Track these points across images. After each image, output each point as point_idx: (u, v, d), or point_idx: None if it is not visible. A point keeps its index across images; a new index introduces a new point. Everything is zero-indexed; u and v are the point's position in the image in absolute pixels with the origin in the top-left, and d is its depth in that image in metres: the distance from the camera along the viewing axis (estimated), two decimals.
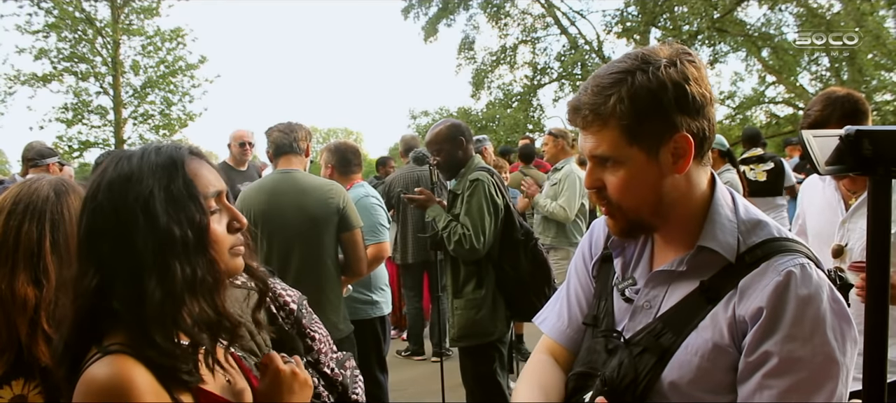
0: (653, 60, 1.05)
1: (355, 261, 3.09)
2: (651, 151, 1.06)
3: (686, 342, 1.07)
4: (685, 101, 1.04)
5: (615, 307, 1.22)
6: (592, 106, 1.07)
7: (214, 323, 1.05)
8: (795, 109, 19.26)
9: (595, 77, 1.09)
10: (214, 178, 1.12)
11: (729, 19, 18.11)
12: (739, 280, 1.05)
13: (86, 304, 1.02)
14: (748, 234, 1.09)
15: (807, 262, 1.03)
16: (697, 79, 1.06)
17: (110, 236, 1.01)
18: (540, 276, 3.24)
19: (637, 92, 1.03)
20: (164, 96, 17.81)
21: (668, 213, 1.12)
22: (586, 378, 1.17)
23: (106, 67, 17.23)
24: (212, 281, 1.05)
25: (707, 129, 1.08)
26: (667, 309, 1.12)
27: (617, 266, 1.26)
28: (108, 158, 1.09)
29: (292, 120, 3.28)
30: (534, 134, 18.74)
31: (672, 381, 1.06)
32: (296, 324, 1.81)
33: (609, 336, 1.18)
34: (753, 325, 1.01)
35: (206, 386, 1.08)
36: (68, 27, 16.53)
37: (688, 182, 1.11)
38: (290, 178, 3.04)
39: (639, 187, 1.09)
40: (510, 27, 20.99)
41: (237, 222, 1.12)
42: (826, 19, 17.09)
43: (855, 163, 0.61)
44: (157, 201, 1.01)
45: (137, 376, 0.97)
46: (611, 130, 1.06)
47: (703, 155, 1.11)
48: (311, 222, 2.97)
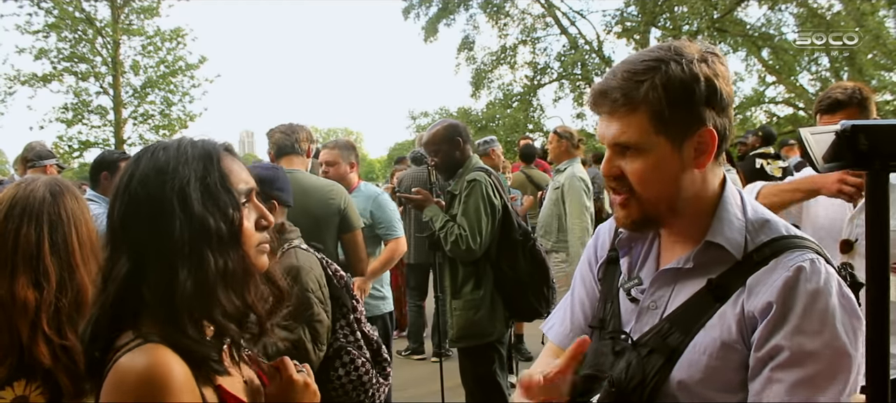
0: (685, 53, 1.05)
1: (356, 262, 3.10)
2: (676, 142, 1.06)
3: (694, 341, 1.06)
4: (715, 97, 1.05)
5: (622, 308, 1.22)
6: (624, 90, 1.05)
7: (243, 317, 1.07)
8: (795, 109, 19.26)
9: (625, 63, 1.08)
10: (246, 176, 1.14)
11: (729, 19, 18.12)
12: (747, 277, 1.04)
13: (117, 290, 1.02)
14: (756, 233, 1.09)
15: (816, 257, 1.03)
16: (725, 78, 1.07)
17: (145, 224, 1.02)
18: (538, 276, 3.23)
19: (671, 80, 1.03)
20: (164, 96, 17.82)
21: (681, 208, 1.11)
22: (593, 380, 1.16)
23: (106, 67, 17.24)
24: (242, 274, 1.06)
25: (728, 128, 1.08)
26: (673, 308, 1.11)
27: (623, 265, 1.26)
28: (144, 149, 1.11)
29: (292, 120, 3.30)
30: (534, 134, 18.75)
31: (681, 381, 1.05)
32: (345, 286, 2.20)
33: (616, 337, 1.17)
34: (763, 320, 1.00)
35: (227, 386, 1.09)
36: (68, 27, 16.54)
37: (703, 179, 1.11)
38: (292, 179, 3.04)
39: (659, 178, 1.08)
40: (510, 27, 21.02)
41: (265, 220, 1.14)
42: (826, 19, 17.10)
43: (852, 159, 0.61)
44: (193, 192, 1.03)
45: (175, 369, 0.97)
46: (639, 116, 1.05)
47: (721, 154, 1.11)
48: (312, 222, 2.98)
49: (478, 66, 21.34)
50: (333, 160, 3.60)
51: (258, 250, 1.12)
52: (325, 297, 2.09)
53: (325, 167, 3.59)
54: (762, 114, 20.13)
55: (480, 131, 18.14)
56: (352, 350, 2.14)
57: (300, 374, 1.25)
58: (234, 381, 1.12)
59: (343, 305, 2.15)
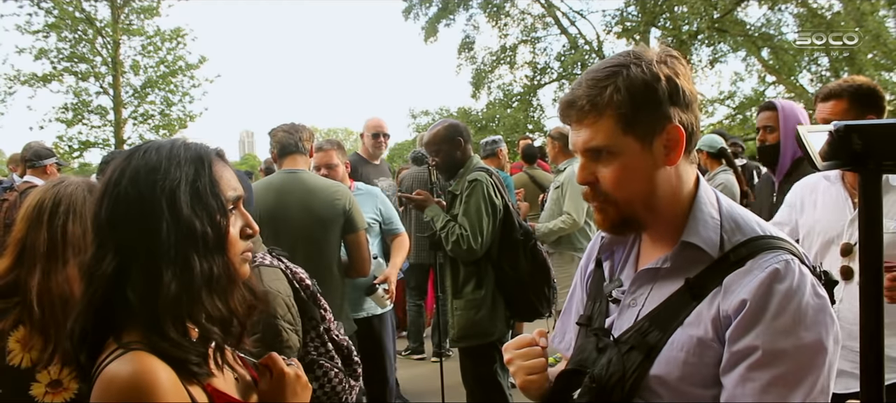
0: (644, 57, 1.10)
1: (359, 262, 3.10)
2: (645, 141, 1.09)
3: (672, 338, 1.09)
4: (677, 94, 1.09)
5: (608, 308, 1.25)
6: (589, 97, 1.09)
7: (227, 322, 1.07)
8: None
9: (589, 72, 1.13)
10: (235, 183, 1.14)
11: (729, 19, 18.10)
12: (724, 277, 1.07)
13: (101, 289, 1.02)
14: (732, 232, 1.11)
15: (790, 258, 1.05)
16: (686, 76, 1.11)
17: (133, 223, 1.02)
18: (539, 277, 3.24)
19: (633, 82, 1.07)
20: (164, 96, 17.81)
21: (658, 207, 1.14)
22: (576, 375, 1.20)
23: (106, 67, 17.23)
24: (227, 280, 1.07)
25: (694, 125, 1.12)
26: (652, 306, 1.14)
27: (606, 269, 1.30)
28: (136, 147, 1.11)
29: (292, 120, 3.31)
30: (534, 134, 18.74)
31: (659, 377, 1.08)
32: (312, 297, 2.12)
33: (599, 334, 1.20)
34: (736, 317, 1.03)
35: (217, 385, 1.10)
36: (68, 27, 16.53)
37: (678, 176, 1.14)
38: (296, 178, 3.06)
39: (632, 178, 1.11)
40: (510, 27, 21.01)
41: (249, 229, 1.15)
42: (826, 19, 17.08)
43: (846, 158, 0.61)
44: (183, 195, 1.03)
45: (160, 374, 0.98)
46: (606, 120, 1.09)
47: (691, 150, 1.14)
48: (316, 222, 2.98)
49: (478, 66, 21.34)
50: (331, 162, 3.61)
51: (242, 258, 1.13)
52: (294, 317, 2.00)
53: (323, 170, 3.58)
54: None
55: (480, 131, 18.13)
56: (324, 362, 2.06)
57: (291, 367, 1.26)
58: (224, 380, 1.12)
59: (311, 318, 2.07)
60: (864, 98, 2.28)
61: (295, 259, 2.95)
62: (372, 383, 3.37)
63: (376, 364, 3.47)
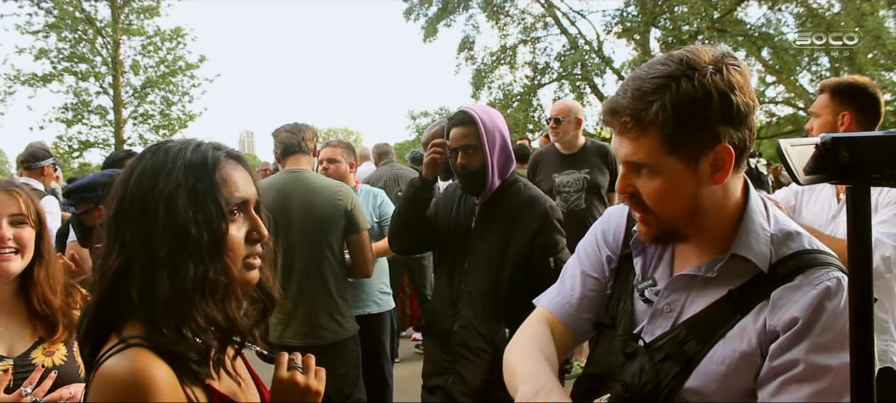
0: (698, 66, 0.99)
1: (362, 263, 3.09)
2: (690, 161, 1.02)
3: (712, 351, 1.04)
4: (730, 112, 0.99)
5: (635, 309, 1.19)
6: (633, 111, 1.01)
7: (223, 327, 1.06)
8: (795, 109, 19.24)
9: (635, 79, 1.03)
10: (245, 185, 1.12)
11: (729, 19, 18.09)
12: (771, 291, 1.02)
13: (108, 283, 1.03)
14: (780, 245, 1.07)
15: (841, 275, 1.01)
16: (742, 86, 1.01)
17: (133, 223, 1.03)
18: None
19: (682, 100, 0.98)
20: (164, 96, 17.84)
21: (702, 223, 1.08)
22: (600, 380, 1.15)
23: (106, 67, 17.25)
24: (223, 285, 1.05)
25: (748, 139, 1.03)
26: (690, 314, 1.09)
27: (636, 265, 1.22)
28: (153, 146, 1.12)
29: (291, 120, 3.30)
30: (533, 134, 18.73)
31: (696, 390, 1.04)
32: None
33: (628, 339, 1.15)
34: (784, 333, 0.99)
35: (217, 387, 1.09)
36: (68, 27, 16.55)
37: (724, 192, 1.07)
38: (299, 178, 3.05)
39: (675, 197, 1.05)
40: (510, 27, 20.99)
41: (257, 233, 1.12)
42: (826, 19, 17.07)
43: (833, 172, 0.61)
44: (180, 198, 1.02)
45: (157, 372, 0.97)
46: (650, 138, 1.01)
47: (741, 164, 1.07)
48: (319, 222, 2.98)
49: (478, 66, 21.33)
50: (335, 157, 3.61)
51: (246, 263, 1.10)
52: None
53: (325, 163, 3.59)
54: (762, 114, 20.12)
55: None
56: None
57: (295, 370, 1.23)
58: (226, 381, 1.11)
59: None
60: (842, 96, 2.32)
61: (297, 259, 2.99)
62: (370, 382, 3.36)
63: (374, 364, 3.47)
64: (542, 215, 2.31)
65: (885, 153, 0.59)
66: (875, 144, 0.58)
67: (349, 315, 3.11)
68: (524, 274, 2.29)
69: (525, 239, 2.29)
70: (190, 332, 1.03)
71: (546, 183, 4.13)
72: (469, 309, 2.36)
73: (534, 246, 2.29)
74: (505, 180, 2.40)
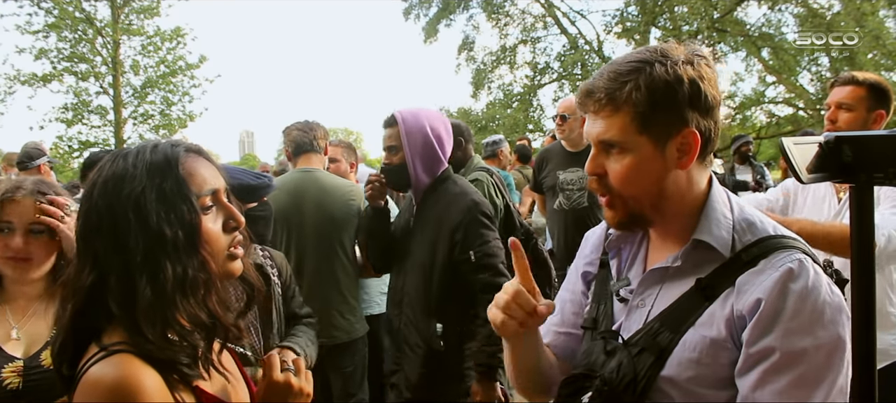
0: (671, 55, 1.08)
1: None
2: (659, 142, 1.08)
3: (683, 339, 1.07)
4: (698, 99, 1.06)
5: (614, 309, 1.23)
6: (608, 90, 1.08)
7: (207, 325, 1.04)
8: (795, 109, 19.24)
9: (612, 64, 1.11)
10: (211, 175, 1.10)
11: (729, 19, 18.08)
12: (736, 277, 1.05)
13: (82, 300, 1.01)
14: (744, 232, 1.10)
15: (804, 257, 1.04)
16: (711, 80, 1.09)
17: (104, 234, 1.00)
18: (541, 277, 3.23)
19: (654, 81, 1.05)
20: (164, 96, 17.82)
21: (665, 208, 1.13)
22: (585, 379, 1.18)
23: (106, 67, 17.24)
24: (204, 281, 1.03)
25: (713, 131, 1.10)
26: (662, 307, 1.13)
27: (612, 267, 1.28)
28: (108, 155, 1.09)
29: (291, 119, 3.29)
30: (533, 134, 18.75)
31: (671, 378, 1.07)
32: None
33: (607, 337, 1.18)
34: (751, 317, 1.01)
35: (205, 387, 1.07)
36: (68, 27, 16.54)
37: (688, 179, 1.13)
38: (311, 177, 3.04)
39: (642, 177, 1.10)
40: (510, 27, 20.97)
41: (234, 221, 1.10)
42: (826, 19, 17.06)
43: (836, 171, 0.61)
44: (148, 200, 1.00)
45: (144, 376, 0.96)
46: (623, 116, 1.08)
47: (706, 155, 1.13)
48: (331, 222, 2.98)
49: (478, 66, 21.32)
50: (335, 157, 3.61)
51: (229, 255, 1.09)
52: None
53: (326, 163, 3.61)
54: (762, 115, 20.15)
55: (480, 131, 18.11)
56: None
57: (287, 372, 1.22)
58: (214, 382, 1.09)
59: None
60: (880, 94, 2.31)
61: (309, 258, 2.98)
62: (370, 382, 3.36)
63: (376, 363, 3.47)
64: (463, 211, 2.40)
65: (889, 152, 0.59)
66: (879, 143, 0.59)
67: (360, 314, 3.11)
68: (452, 271, 2.39)
69: (448, 236, 2.39)
70: (175, 335, 1.02)
71: (551, 179, 4.12)
72: (409, 308, 2.50)
73: (454, 241, 2.38)
74: (435, 178, 2.50)
